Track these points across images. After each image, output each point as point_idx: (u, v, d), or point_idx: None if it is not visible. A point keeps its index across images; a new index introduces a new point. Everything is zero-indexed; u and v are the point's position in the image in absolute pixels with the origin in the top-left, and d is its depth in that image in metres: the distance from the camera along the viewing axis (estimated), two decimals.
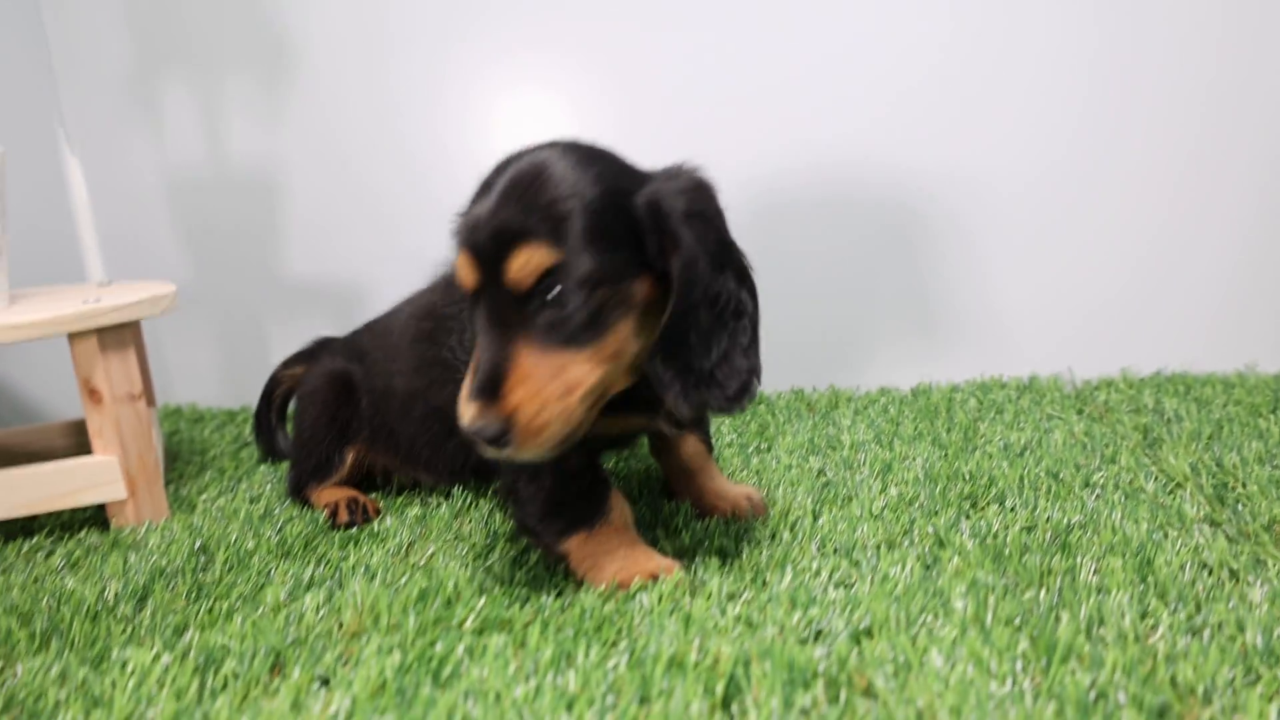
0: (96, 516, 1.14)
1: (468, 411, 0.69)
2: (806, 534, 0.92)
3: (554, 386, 0.70)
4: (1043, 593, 0.76)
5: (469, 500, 1.10)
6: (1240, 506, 0.92)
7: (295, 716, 0.65)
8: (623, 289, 0.72)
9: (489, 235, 0.70)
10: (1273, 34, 1.29)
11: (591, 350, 0.71)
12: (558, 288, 0.69)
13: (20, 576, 0.95)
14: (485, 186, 0.74)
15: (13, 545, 1.05)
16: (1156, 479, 1.01)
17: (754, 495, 0.99)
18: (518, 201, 0.70)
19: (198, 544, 1.00)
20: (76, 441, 1.30)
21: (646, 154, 0.83)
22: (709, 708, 0.64)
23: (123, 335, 1.08)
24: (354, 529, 1.03)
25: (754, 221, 1.44)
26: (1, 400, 1.48)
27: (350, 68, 1.49)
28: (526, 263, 0.69)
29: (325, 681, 0.71)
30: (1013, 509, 0.94)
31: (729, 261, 0.77)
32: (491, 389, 0.69)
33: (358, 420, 1.12)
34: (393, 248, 1.50)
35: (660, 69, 1.41)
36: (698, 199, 0.75)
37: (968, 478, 1.04)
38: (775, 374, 1.48)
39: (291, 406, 1.32)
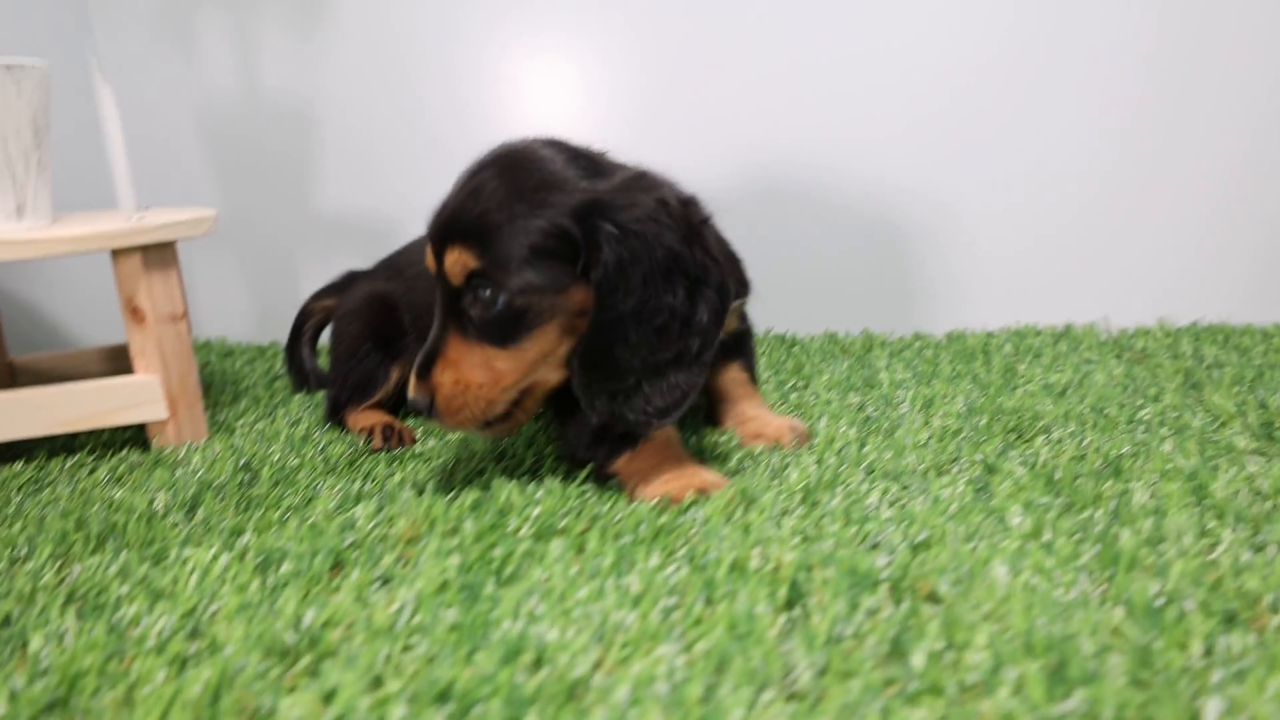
0: (136, 437, 1.14)
1: (411, 382, 0.80)
2: (853, 460, 0.92)
3: (476, 375, 0.77)
4: (1099, 513, 0.76)
5: None
6: None
7: (360, 610, 0.65)
8: (549, 297, 0.75)
9: (437, 229, 0.78)
10: None
11: (514, 349, 0.76)
12: (486, 290, 0.75)
13: (66, 488, 0.95)
14: (460, 180, 0.80)
15: (55, 461, 1.05)
16: (1202, 416, 1.01)
17: (798, 426, 0.99)
18: (465, 202, 0.76)
19: (241, 462, 1.00)
20: (114, 367, 1.30)
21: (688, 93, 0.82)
22: (772, 610, 0.64)
23: (165, 254, 1.08)
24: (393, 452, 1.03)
25: (790, 162, 1.43)
26: (35, 326, 1.48)
27: None
28: (455, 263, 0.76)
29: (385, 581, 0.71)
30: (1059, 441, 0.94)
31: (679, 274, 0.75)
32: (427, 367, 0.78)
33: (401, 337, 1.12)
34: (428, 183, 1.49)
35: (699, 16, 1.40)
36: (636, 210, 0.75)
37: (1011, 413, 1.04)
38: (807, 317, 1.48)
39: (324, 340, 1.32)
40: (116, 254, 1.05)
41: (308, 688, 0.57)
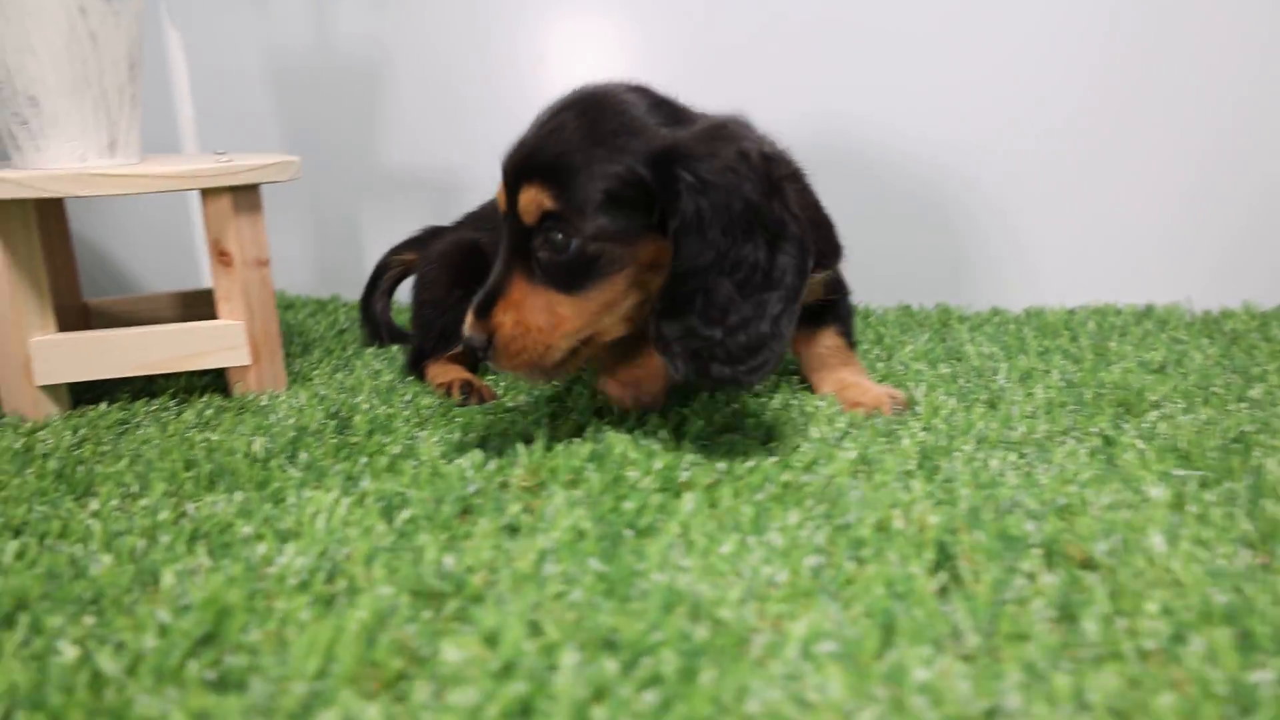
0: (214, 384, 1.12)
1: (467, 320, 0.77)
2: (961, 428, 0.90)
3: (538, 319, 0.75)
4: (1239, 486, 0.74)
5: None
6: None
7: (501, 557, 0.64)
8: (620, 245, 0.73)
9: (512, 167, 0.76)
10: None
11: (579, 296, 0.74)
12: (558, 233, 0.73)
13: (154, 430, 0.94)
14: (538, 119, 0.78)
15: (139, 404, 1.04)
16: None
17: (897, 395, 0.97)
18: (544, 141, 0.75)
19: (333, 410, 0.98)
20: (184, 313, 1.28)
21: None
22: (924, 572, 0.62)
23: (253, 198, 1.06)
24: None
25: (853, 134, 1.41)
26: (101, 270, 1.46)
27: None
28: (529, 202, 0.74)
29: (513, 530, 0.69)
30: (1172, 416, 0.92)
31: (758, 228, 0.73)
32: (487, 306, 0.76)
33: None
34: (500, 141, 1.46)
35: None
36: (716, 161, 0.72)
37: (1114, 387, 1.02)
38: (881, 289, 1.46)
39: (400, 297, 1.30)
40: (206, 195, 1.03)
41: (462, 631, 0.55)
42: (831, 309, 1.01)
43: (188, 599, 0.59)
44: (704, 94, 0.85)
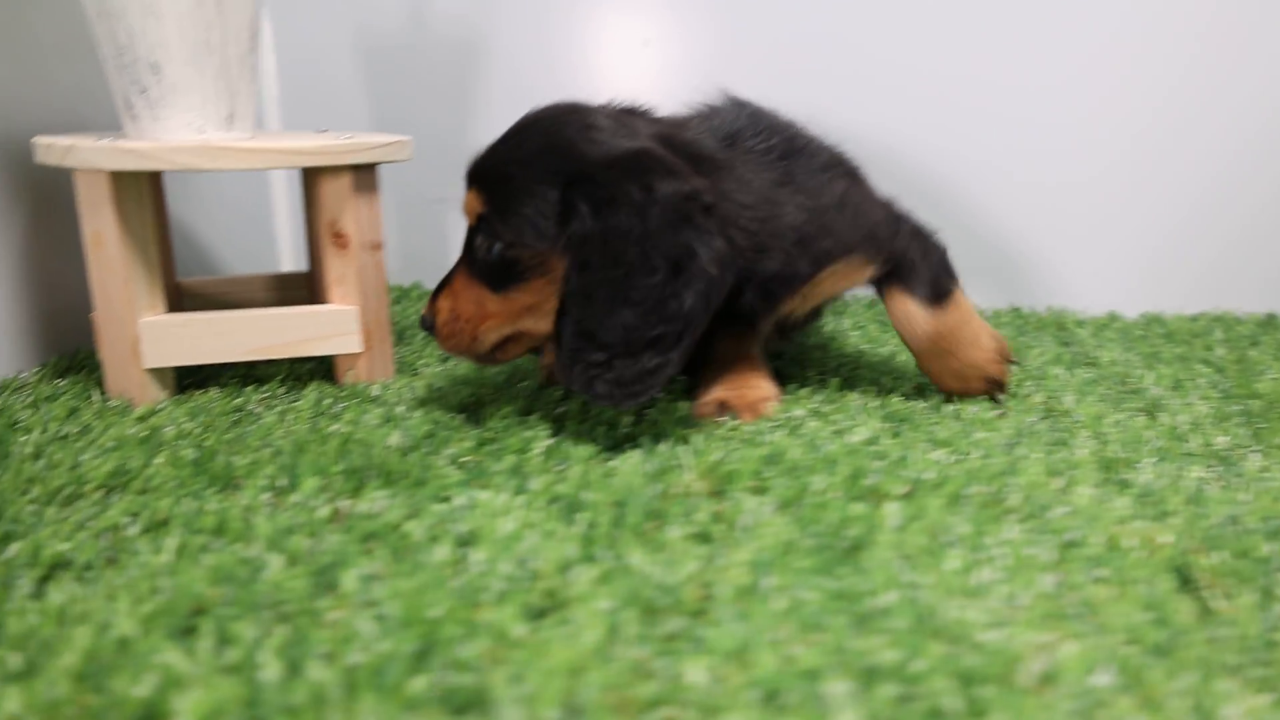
0: (316, 372, 1.07)
1: (427, 302, 0.86)
2: (1131, 440, 0.84)
3: (469, 310, 0.82)
4: None
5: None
6: None
7: (709, 569, 0.59)
8: (536, 256, 0.78)
9: (468, 170, 0.83)
10: None
11: (503, 295, 0.81)
12: (486, 236, 0.80)
13: (273, 419, 0.89)
14: (506, 130, 0.84)
15: (249, 390, 0.99)
16: None
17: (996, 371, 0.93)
18: (493, 151, 0.82)
19: (459, 401, 0.93)
20: (279, 296, 1.23)
21: None
22: (1172, 595, 0.57)
23: (372, 178, 1.01)
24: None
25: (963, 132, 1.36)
26: (185, 249, 1.41)
27: None
28: (469, 205, 0.81)
29: (705, 539, 0.64)
30: None
31: (655, 257, 0.73)
32: (437, 292, 0.85)
33: None
34: None
35: None
36: (615, 191, 0.74)
37: (1273, 400, 0.96)
38: (987, 289, 1.40)
39: None
40: (323, 174, 0.98)
41: (696, 650, 0.50)
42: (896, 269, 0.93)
43: (382, 609, 0.54)
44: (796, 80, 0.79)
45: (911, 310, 0.91)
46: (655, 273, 0.73)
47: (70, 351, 1.12)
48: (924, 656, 0.49)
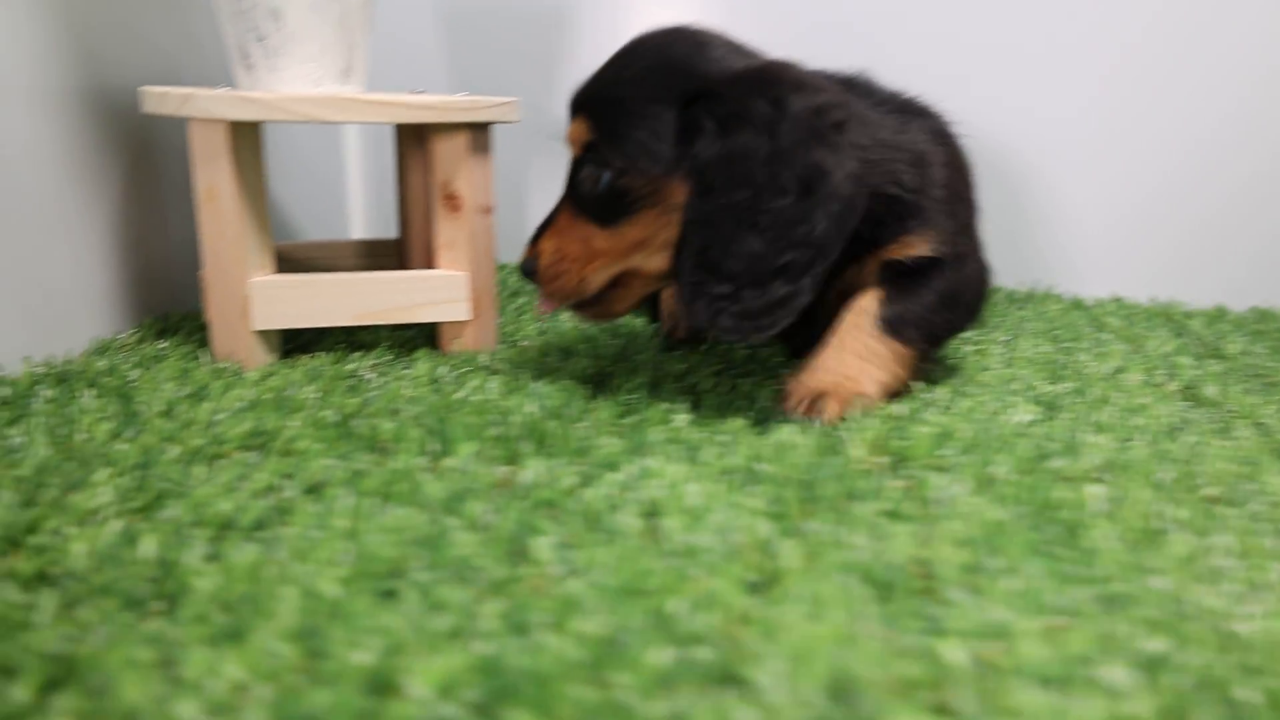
0: (418, 339, 1.03)
1: (525, 248, 0.81)
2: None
3: (574, 249, 0.76)
4: None
5: None
6: None
7: (927, 550, 0.55)
8: (651, 183, 0.72)
9: (571, 100, 0.77)
10: None
11: (612, 230, 0.75)
12: (594, 166, 0.74)
13: (396, 386, 0.85)
14: (611, 55, 0.78)
15: (357, 356, 0.95)
16: None
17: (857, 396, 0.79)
18: (599, 76, 0.76)
19: (580, 371, 0.90)
20: (366, 261, 1.19)
21: None
22: None
23: (486, 138, 0.97)
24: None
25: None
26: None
27: None
28: (575, 134, 0.76)
29: (899, 516, 0.60)
30: None
31: (786, 176, 0.68)
32: (539, 234, 0.79)
33: None
34: None
35: None
36: (741, 107, 0.68)
37: None
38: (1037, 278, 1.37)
39: None
40: (438, 132, 0.94)
41: (936, 631, 0.47)
42: (909, 275, 0.82)
43: (592, 577, 0.50)
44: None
45: (865, 310, 0.80)
46: (785, 194, 0.68)
47: (161, 313, 1.08)
48: (1195, 645, 0.46)
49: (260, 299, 0.90)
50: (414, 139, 1.11)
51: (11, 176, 0.85)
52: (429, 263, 1.14)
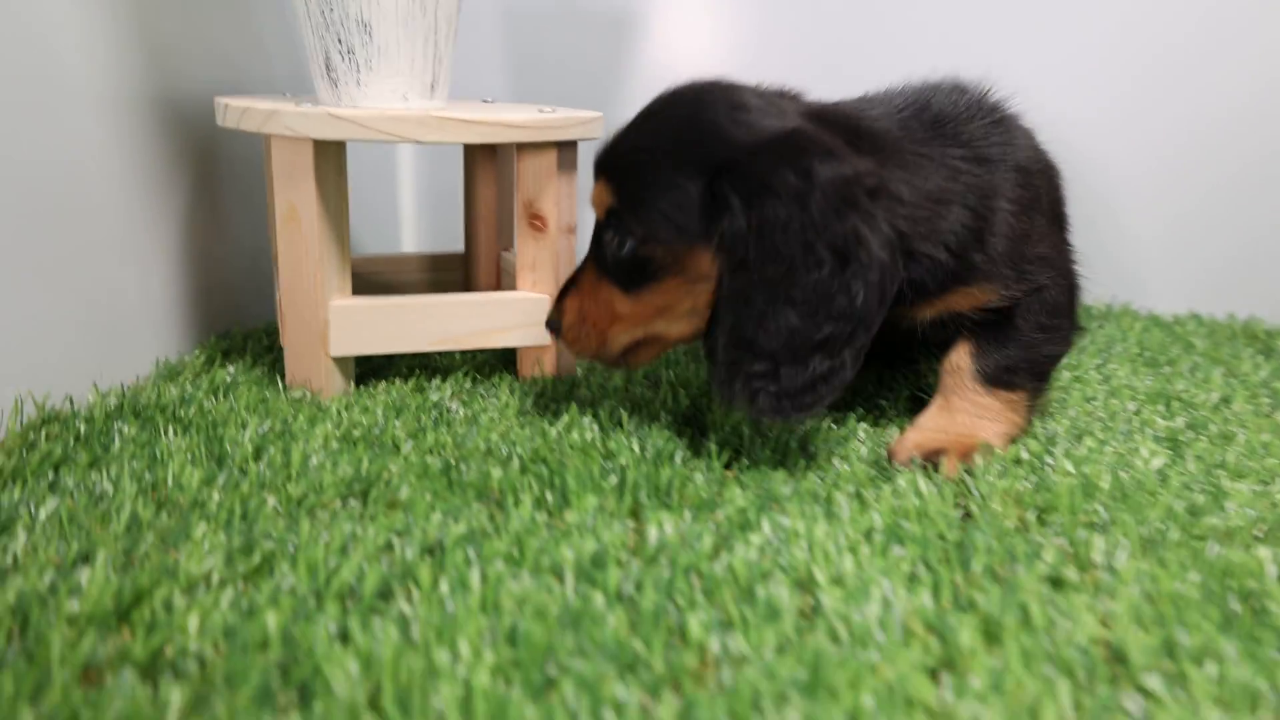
0: (494, 363, 0.99)
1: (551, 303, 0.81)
2: None
3: (598, 312, 0.75)
4: None
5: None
6: None
7: (1110, 628, 0.51)
8: (673, 253, 0.69)
9: (596, 160, 0.74)
10: None
11: (634, 296, 0.73)
12: (617, 232, 0.71)
13: (487, 419, 0.81)
14: (637, 114, 0.75)
15: (436, 384, 0.91)
16: None
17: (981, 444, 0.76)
18: (624, 137, 0.73)
19: (675, 407, 0.86)
20: (432, 277, 1.15)
21: None
22: None
23: (573, 155, 0.93)
24: None
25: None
26: None
27: None
28: (598, 197, 0.73)
29: (1061, 584, 0.57)
30: None
31: (820, 248, 0.63)
32: (564, 292, 0.78)
33: None
34: None
35: None
36: (769, 178, 0.64)
37: None
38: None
39: None
40: (525, 150, 0.90)
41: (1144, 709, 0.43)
42: (993, 319, 0.78)
43: (760, 664, 0.47)
44: None
45: (960, 368, 0.78)
46: (820, 266, 0.64)
47: (223, 330, 1.04)
48: None
49: (339, 324, 0.86)
50: (485, 152, 1.07)
51: (82, 184, 0.81)
52: (496, 279, 1.10)
